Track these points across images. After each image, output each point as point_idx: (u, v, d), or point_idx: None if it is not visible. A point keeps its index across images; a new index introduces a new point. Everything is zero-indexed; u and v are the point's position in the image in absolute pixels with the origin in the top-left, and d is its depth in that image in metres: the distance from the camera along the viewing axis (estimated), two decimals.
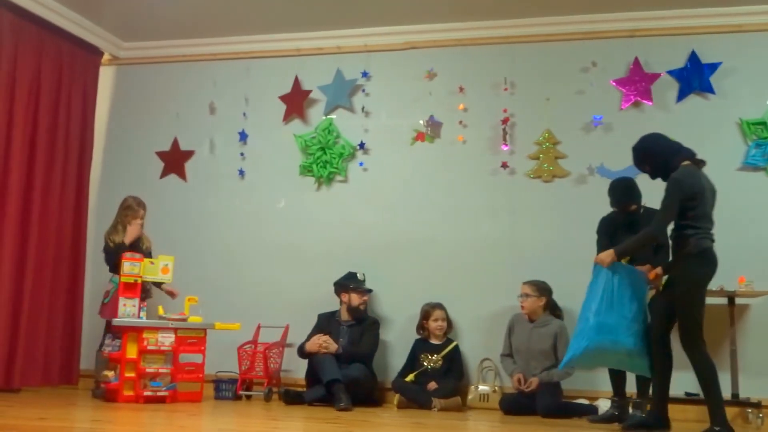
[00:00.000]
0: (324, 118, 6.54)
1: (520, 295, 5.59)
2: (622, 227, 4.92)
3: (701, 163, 4.31)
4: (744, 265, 5.27)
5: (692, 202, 4.12)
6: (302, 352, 5.73)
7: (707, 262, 4.14)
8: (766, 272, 5.39)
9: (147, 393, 5.26)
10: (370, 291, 5.95)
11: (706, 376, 4.03)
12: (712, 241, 4.18)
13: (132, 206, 5.89)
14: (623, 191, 4.98)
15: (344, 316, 5.90)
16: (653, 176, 4.42)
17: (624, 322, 4.25)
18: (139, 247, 5.81)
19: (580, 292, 4.77)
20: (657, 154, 4.34)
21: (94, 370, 5.85)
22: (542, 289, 5.59)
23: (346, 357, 5.59)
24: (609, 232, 5.03)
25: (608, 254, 4.33)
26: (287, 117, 6.61)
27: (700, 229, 4.12)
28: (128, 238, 5.79)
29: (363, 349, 5.72)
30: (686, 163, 4.25)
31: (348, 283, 5.91)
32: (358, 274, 5.95)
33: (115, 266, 5.73)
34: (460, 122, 6.22)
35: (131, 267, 5.46)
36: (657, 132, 4.49)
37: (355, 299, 5.85)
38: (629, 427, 4.35)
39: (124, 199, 5.97)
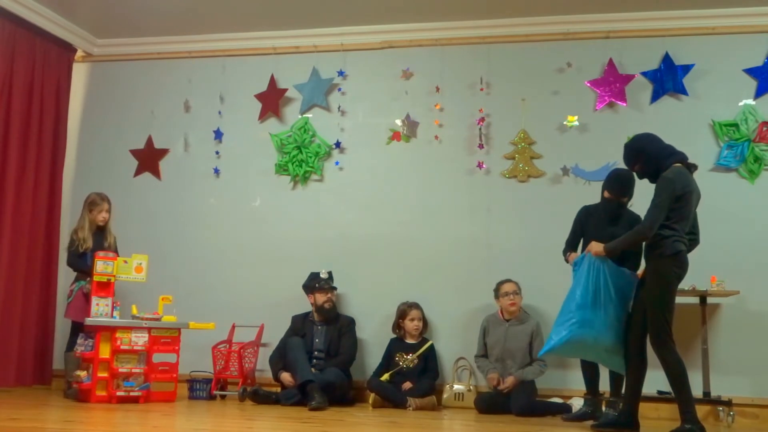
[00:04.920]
0: (300, 116, 6.52)
1: (506, 294, 5.58)
2: (603, 219, 4.91)
3: (693, 167, 4.32)
4: (716, 265, 5.35)
5: (678, 203, 4.14)
6: (276, 377, 5.74)
7: (679, 264, 4.17)
8: (738, 272, 5.48)
9: (120, 393, 5.22)
10: (334, 288, 5.94)
11: (677, 375, 4.07)
12: (686, 245, 4.21)
13: (95, 201, 5.83)
14: (623, 181, 4.82)
15: (317, 317, 5.89)
16: (642, 176, 4.42)
17: (607, 320, 4.29)
18: (102, 243, 5.76)
19: (555, 292, 4.83)
20: (650, 154, 4.32)
21: (64, 371, 5.79)
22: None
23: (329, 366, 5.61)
24: (583, 222, 5.04)
25: (598, 249, 4.36)
26: (263, 115, 6.59)
27: (676, 232, 4.15)
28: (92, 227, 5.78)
29: (344, 357, 5.73)
30: (677, 165, 4.26)
31: (312, 284, 5.92)
32: (321, 273, 5.95)
33: (77, 269, 5.76)
34: (437, 122, 6.23)
35: (104, 266, 5.42)
36: (651, 133, 4.46)
37: (320, 298, 5.84)
38: (599, 426, 4.39)
39: (87, 196, 5.92)
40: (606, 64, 6.04)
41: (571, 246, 5.04)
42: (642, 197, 4.55)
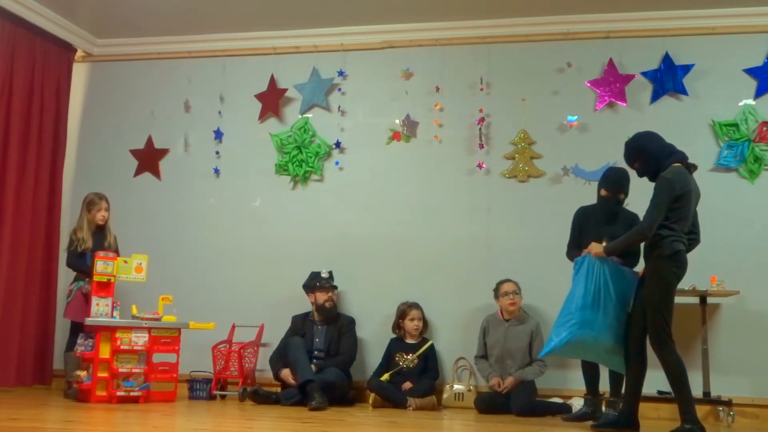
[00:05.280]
0: (300, 116, 6.52)
1: (506, 294, 5.58)
2: (600, 219, 4.90)
3: (692, 167, 4.32)
4: (716, 265, 5.35)
5: (677, 203, 4.14)
6: (276, 376, 5.74)
7: (678, 264, 4.17)
8: (738, 272, 5.48)
9: (120, 393, 5.22)
10: (334, 288, 5.94)
11: (676, 374, 4.07)
12: (685, 244, 4.20)
13: (93, 200, 5.83)
14: (619, 178, 4.85)
15: (317, 316, 5.89)
16: (641, 174, 4.42)
17: (607, 320, 4.29)
18: (102, 243, 5.75)
19: (555, 292, 4.83)
20: (650, 152, 4.32)
21: (64, 371, 5.79)
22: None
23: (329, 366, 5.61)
24: (581, 223, 5.05)
25: (598, 251, 4.36)
26: (263, 115, 6.59)
27: (675, 231, 4.14)
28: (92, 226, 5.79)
29: (344, 357, 5.73)
30: (677, 164, 4.26)
31: (312, 283, 5.92)
32: (321, 273, 5.95)
33: (77, 269, 5.75)
34: (437, 122, 6.23)
35: (104, 266, 5.41)
36: (652, 131, 4.46)
37: (321, 297, 5.84)
38: (599, 426, 4.39)
39: (85, 196, 5.92)
40: (606, 64, 6.04)
41: (573, 248, 5.00)
42: (641, 196, 4.54)
